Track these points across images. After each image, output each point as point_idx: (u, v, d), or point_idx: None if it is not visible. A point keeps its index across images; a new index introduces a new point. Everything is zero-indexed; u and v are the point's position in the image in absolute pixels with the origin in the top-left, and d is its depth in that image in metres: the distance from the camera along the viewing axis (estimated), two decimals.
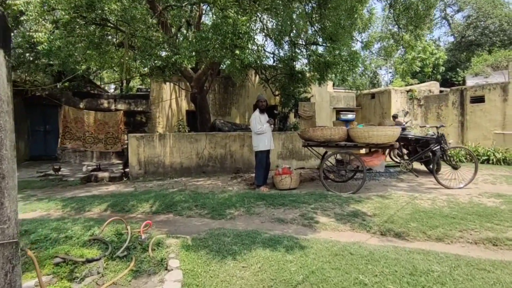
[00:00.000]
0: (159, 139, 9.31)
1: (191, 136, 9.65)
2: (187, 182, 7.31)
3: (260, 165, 5.88)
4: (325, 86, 15.02)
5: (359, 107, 15.16)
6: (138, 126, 12.42)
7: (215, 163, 9.86)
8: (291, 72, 9.03)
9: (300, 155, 10.65)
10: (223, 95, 13.60)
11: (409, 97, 13.37)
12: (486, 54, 18.39)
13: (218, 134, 9.96)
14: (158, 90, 12.68)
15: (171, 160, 9.38)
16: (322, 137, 5.17)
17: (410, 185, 5.99)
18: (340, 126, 5.87)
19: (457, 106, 12.25)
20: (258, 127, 5.84)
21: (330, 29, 5.92)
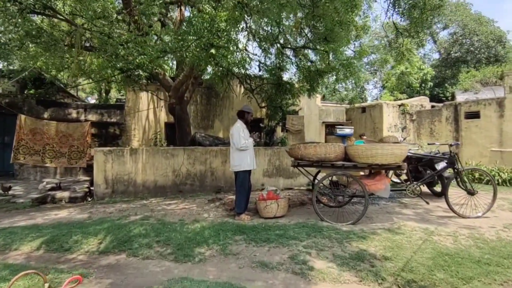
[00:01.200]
0: (130, 154, 8.23)
1: (167, 151, 8.62)
2: (157, 205, 6.24)
3: (242, 188, 4.92)
4: (314, 98, 14.38)
5: (349, 121, 14.51)
6: (111, 139, 11.27)
7: (194, 181, 8.84)
8: (279, 82, 8.22)
9: (288, 173, 9.76)
10: (206, 106, 12.68)
11: (401, 112, 12.82)
12: (474, 71, 18.33)
13: (198, 148, 8.98)
14: (134, 100, 11.64)
15: (144, 178, 8.30)
16: (315, 156, 4.30)
17: (417, 213, 5.14)
18: (336, 142, 5.01)
19: (451, 121, 11.73)
20: (242, 142, 4.93)
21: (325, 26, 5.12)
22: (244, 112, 5.24)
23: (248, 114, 5.24)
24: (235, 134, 5.00)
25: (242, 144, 4.89)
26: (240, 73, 8.14)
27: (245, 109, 5.25)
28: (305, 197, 6.23)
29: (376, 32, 20.48)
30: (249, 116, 5.26)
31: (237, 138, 4.94)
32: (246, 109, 5.26)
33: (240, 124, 5.15)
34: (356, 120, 14.13)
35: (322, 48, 5.73)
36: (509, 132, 10.34)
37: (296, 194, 6.76)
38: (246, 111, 5.24)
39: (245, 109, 5.25)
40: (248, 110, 5.26)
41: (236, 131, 5.01)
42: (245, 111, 5.24)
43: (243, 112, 5.25)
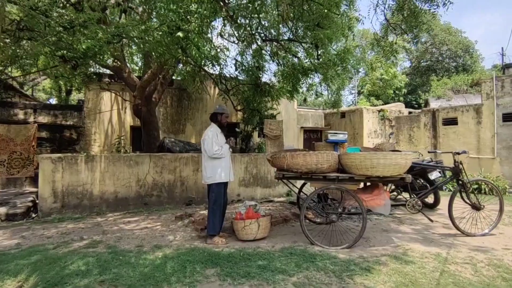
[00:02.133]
0: (85, 162, 7.12)
1: (130, 158, 7.57)
2: (113, 223, 5.20)
3: (216, 205, 4.06)
4: (292, 102, 13.83)
5: (327, 127, 14.11)
6: (67, 144, 9.95)
7: (161, 192, 7.86)
8: (257, 83, 7.47)
9: (266, 182, 9.02)
10: (176, 109, 11.66)
11: (380, 118, 12.56)
12: (446, 79, 18.77)
13: (166, 155, 8.00)
14: (94, 100, 10.40)
15: (102, 189, 7.21)
16: (304, 167, 3.56)
17: (416, 230, 4.54)
18: (326, 149, 4.31)
19: (429, 128, 11.59)
20: (215, 149, 4.08)
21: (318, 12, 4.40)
22: (217, 114, 4.39)
23: (222, 116, 4.39)
24: (207, 140, 4.16)
25: (214, 152, 4.06)
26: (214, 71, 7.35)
27: (219, 110, 4.40)
28: (288, 211, 5.48)
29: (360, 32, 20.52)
30: (224, 117, 4.42)
31: (209, 144, 4.10)
32: (220, 110, 4.40)
33: (214, 128, 4.32)
34: (335, 126, 13.73)
35: (312, 40, 5.04)
36: (486, 138, 10.29)
37: (277, 208, 6.00)
38: (220, 112, 4.38)
39: (219, 110, 4.40)
40: (221, 111, 4.40)
41: (208, 137, 4.17)
42: (218, 113, 4.38)
43: (216, 114, 4.40)
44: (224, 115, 4.43)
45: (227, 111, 4.51)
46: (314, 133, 14.59)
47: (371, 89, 19.77)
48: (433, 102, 16.06)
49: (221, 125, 4.41)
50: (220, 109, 4.44)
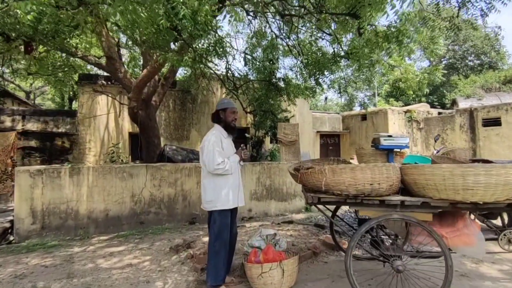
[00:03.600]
0: (70, 175, 6.06)
1: (123, 169, 6.47)
2: (91, 256, 4.03)
3: (220, 243, 2.86)
4: (307, 104, 12.62)
5: (346, 131, 12.80)
6: (59, 153, 8.95)
7: (160, 209, 6.73)
8: (270, 79, 6.28)
9: (281, 195, 7.80)
10: (180, 113, 10.57)
11: (407, 119, 11.20)
12: (474, 76, 17.23)
13: (166, 166, 6.88)
14: (89, 104, 9.39)
15: (90, 207, 6.12)
16: (353, 187, 2.34)
17: (509, 274, 3.19)
18: (376, 160, 3.04)
19: (466, 129, 10.17)
20: (218, 162, 2.85)
21: None
22: (219, 111, 3.14)
23: (226, 112, 3.11)
24: (206, 147, 2.92)
25: (216, 166, 2.83)
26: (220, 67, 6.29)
27: (221, 106, 3.15)
28: (315, 239, 4.22)
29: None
30: (229, 113, 3.12)
31: (209, 155, 2.87)
32: (223, 105, 3.14)
33: (217, 131, 3.08)
34: (354, 129, 12.43)
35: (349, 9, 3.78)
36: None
37: (300, 232, 4.73)
38: (222, 108, 3.12)
39: (221, 106, 3.15)
40: (225, 106, 3.14)
41: (208, 143, 2.94)
42: (220, 110, 3.14)
43: (218, 112, 3.15)
44: (229, 110, 3.11)
45: (233, 105, 3.21)
46: (332, 138, 13.31)
47: (389, 90, 18.36)
48: (462, 102, 14.58)
49: (228, 126, 3.13)
50: (223, 103, 3.17)
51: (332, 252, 3.86)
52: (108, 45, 7.75)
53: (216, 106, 3.24)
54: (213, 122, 3.21)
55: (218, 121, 3.16)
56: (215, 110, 3.19)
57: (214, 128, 3.16)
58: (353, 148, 12.59)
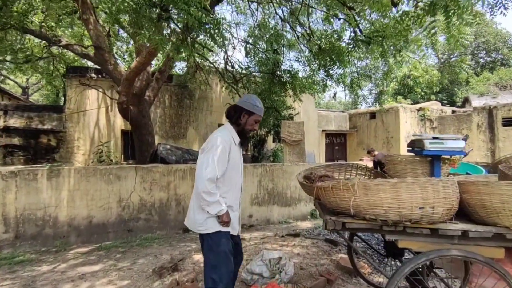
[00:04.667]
0: (48, 178, 5.41)
1: (109, 171, 5.81)
2: (57, 279, 3.34)
3: (217, 274, 2.11)
4: (312, 102, 11.89)
5: (353, 130, 12.06)
6: (44, 152, 8.27)
7: (151, 215, 6.09)
8: (274, 71, 5.57)
9: (285, 199, 7.16)
10: (177, 109, 9.87)
11: (420, 118, 10.45)
12: (487, 73, 16.42)
13: (157, 167, 6.23)
14: (78, 99, 8.70)
15: (71, 213, 5.48)
16: (394, 210, 1.65)
17: None
18: (414, 168, 2.32)
19: (485, 129, 9.43)
20: (209, 176, 2.04)
21: None
22: (243, 111, 2.28)
23: (250, 116, 2.28)
24: (208, 149, 2.13)
25: (206, 180, 2.03)
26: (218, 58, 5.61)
27: (249, 108, 2.27)
28: (328, 261, 3.52)
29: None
30: (252, 120, 2.28)
31: (205, 163, 2.08)
32: (251, 109, 2.27)
33: (228, 132, 2.26)
34: (362, 128, 11.70)
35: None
36: None
37: (309, 250, 4.02)
38: (248, 111, 2.27)
39: (249, 108, 2.27)
40: (253, 111, 2.28)
41: (213, 143, 2.13)
42: (245, 110, 2.27)
43: (242, 110, 2.28)
44: (255, 116, 2.29)
45: (262, 112, 2.34)
46: (338, 137, 12.59)
47: (397, 87, 17.56)
48: (475, 100, 13.80)
49: (244, 133, 2.32)
50: (254, 106, 2.28)
51: (350, 279, 3.16)
52: (96, 34, 7.06)
53: (240, 102, 2.34)
54: (228, 118, 2.34)
55: (235, 120, 2.30)
56: (237, 106, 2.31)
57: (225, 127, 2.31)
58: (360, 148, 11.87)
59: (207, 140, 2.22)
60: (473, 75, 17.23)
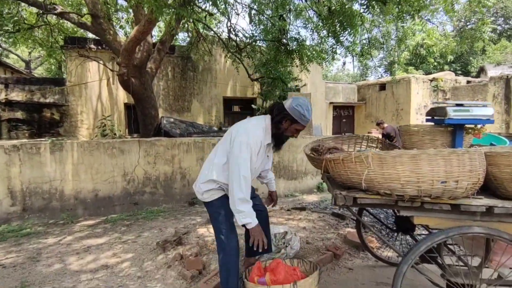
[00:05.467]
0: (51, 152, 5.38)
1: (112, 145, 5.74)
2: (62, 252, 3.35)
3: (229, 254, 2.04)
4: (319, 73, 11.47)
5: (362, 102, 11.70)
6: (48, 126, 8.22)
7: (156, 188, 6.09)
8: (280, 39, 5.23)
9: (291, 173, 7.07)
10: (180, 82, 9.61)
11: (433, 89, 10.01)
12: (505, 41, 15.55)
13: (161, 141, 6.14)
14: (79, 72, 8.49)
15: (76, 187, 5.49)
16: (413, 184, 1.51)
17: None
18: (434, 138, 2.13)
19: (500, 100, 9.02)
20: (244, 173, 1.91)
21: None
22: (286, 116, 2.04)
23: (292, 125, 2.06)
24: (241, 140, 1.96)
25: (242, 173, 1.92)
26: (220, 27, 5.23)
27: (295, 115, 2.02)
28: (335, 236, 3.44)
29: None
30: (294, 129, 2.09)
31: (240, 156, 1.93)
32: (297, 117, 2.02)
33: (263, 130, 2.07)
34: (371, 100, 11.33)
35: None
36: None
37: (316, 224, 3.94)
38: (292, 118, 2.03)
39: (295, 115, 2.02)
40: (298, 119, 2.02)
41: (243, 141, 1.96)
42: (290, 116, 2.03)
43: (285, 115, 2.04)
44: (297, 125, 2.06)
45: (306, 121, 2.06)
46: (346, 110, 12.25)
47: (409, 57, 16.80)
48: (491, 70, 13.17)
49: (280, 138, 2.14)
50: (298, 111, 2.01)
51: (357, 253, 3.08)
52: (93, 1, 6.70)
53: (288, 105, 2.04)
54: (270, 114, 2.12)
55: (275, 123, 2.08)
56: (283, 109, 2.05)
57: (262, 121, 2.10)
58: (369, 121, 11.56)
59: (238, 129, 2.06)
60: (490, 43, 16.36)
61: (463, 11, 21.52)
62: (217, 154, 2.11)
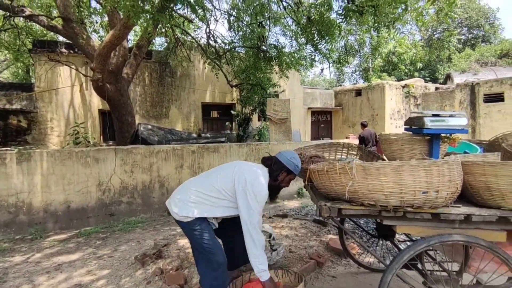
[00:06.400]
0: (18, 162, 5.06)
1: (86, 153, 5.49)
2: (30, 271, 3.12)
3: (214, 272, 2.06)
4: (297, 79, 11.62)
5: (339, 107, 11.97)
6: (15, 134, 7.73)
7: (133, 198, 5.88)
8: (259, 46, 5.25)
9: None
10: (158, 88, 9.40)
11: (405, 94, 10.43)
12: (469, 50, 16.51)
13: (138, 149, 5.95)
14: (48, 77, 8.08)
15: (47, 199, 5.19)
16: (396, 196, 1.51)
17: None
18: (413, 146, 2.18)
19: (466, 106, 9.54)
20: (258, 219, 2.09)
21: None
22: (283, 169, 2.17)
23: (288, 176, 2.21)
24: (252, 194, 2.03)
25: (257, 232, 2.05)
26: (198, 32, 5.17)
27: (291, 167, 2.17)
28: (317, 243, 3.45)
29: None
30: (288, 180, 2.24)
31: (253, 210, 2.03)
32: (292, 168, 2.17)
33: (265, 182, 2.14)
34: (348, 106, 11.62)
35: None
36: None
37: (298, 231, 3.94)
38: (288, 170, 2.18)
39: (291, 167, 2.17)
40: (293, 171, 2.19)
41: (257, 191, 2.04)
42: (286, 167, 2.17)
43: (282, 168, 2.18)
44: (292, 175, 2.23)
45: (298, 171, 2.25)
46: (323, 115, 12.48)
47: (381, 64, 17.43)
48: (457, 77, 13.92)
49: (275, 190, 2.28)
50: (293, 162, 2.17)
51: (340, 260, 3.11)
52: (64, 4, 6.43)
53: (283, 158, 2.19)
54: (264, 165, 2.25)
55: (273, 177, 2.19)
56: (280, 162, 2.18)
57: (263, 174, 2.16)
58: (346, 126, 11.85)
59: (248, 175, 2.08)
60: (456, 52, 17.32)
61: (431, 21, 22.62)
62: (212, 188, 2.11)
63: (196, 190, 2.12)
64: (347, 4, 3.41)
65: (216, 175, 2.18)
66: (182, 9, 3.62)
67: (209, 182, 2.14)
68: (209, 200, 2.08)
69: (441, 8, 5.52)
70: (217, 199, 2.09)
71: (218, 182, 2.11)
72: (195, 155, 6.24)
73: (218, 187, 2.09)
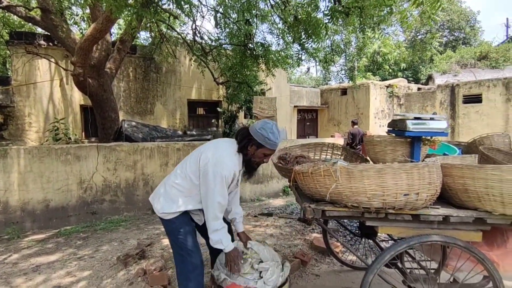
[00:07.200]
0: None
1: (66, 151, 5.33)
2: (12, 267, 3.02)
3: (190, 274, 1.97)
4: (284, 77, 11.66)
5: (325, 106, 12.08)
6: None
7: (116, 196, 5.78)
8: (246, 44, 5.22)
9: (257, 177, 7.08)
10: (142, 83, 9.20)
11: (388, 94, 10.65)
12: (450, 51, 17.00)
13: (122, 146, 5.83)
14: (26, 70, 7.77)
15: (24, 198, 5.02)
16: (378, 198, 1.53)
17: None
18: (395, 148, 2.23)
19: (447, 106, 9.83)
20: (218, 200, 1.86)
21: None
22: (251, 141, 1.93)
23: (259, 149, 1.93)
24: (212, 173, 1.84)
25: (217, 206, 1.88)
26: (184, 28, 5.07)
27: (260, 140, 1.90)
28: (302, 242, 3.48)
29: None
30: (261, 153, 1.95)
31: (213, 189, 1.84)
32: (262, 141, 1.90)
33: (236, 159, 1.96)
34: (334, 104, 11.76)
35: None
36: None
37: (283, 230, 3.97)
38: (258, 143, 1.92)
39: (260, 140, 1.90)
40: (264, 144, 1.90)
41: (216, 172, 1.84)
42: (255, 141, 1.92)
43: (251, 140, 1.93)
44: (264, 149, 1.94)
45: (273, 145, 1.93)
46: (309, 113, 12.58)
47: (366, 64, 17.73)
48: (438, 78, 14.31)
49: (251, 165, 2.03)
50: (262, 134, 1.89)
51: (323, 258, 3.15)
52: None
53: (252, 128, 1.95)
54: (237, 140, 2.00)
55: (240, 149, 1.96)
56: (246, 132, 1.95)
57: (233, 147, 1.98)
58: (331, 124, 12.01)
59: (212, 155, 1.90)
60: (437, 53, 17.81)
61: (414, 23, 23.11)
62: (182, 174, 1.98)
63: (174, 182, 1.99)
64: (334, 5, 3.45)
65: (187, 161, 2.02)
66: (167, 4, 3.55)
67: (182, 171, 1.99)
68: (183, 191, 1.94)
69: (425, 11, 5.66)
70: (188, 189, 1.94)
71: (187, 168, 1.95)
72: (180, 152, 6.16)
73: (187, 174, 1.93)
